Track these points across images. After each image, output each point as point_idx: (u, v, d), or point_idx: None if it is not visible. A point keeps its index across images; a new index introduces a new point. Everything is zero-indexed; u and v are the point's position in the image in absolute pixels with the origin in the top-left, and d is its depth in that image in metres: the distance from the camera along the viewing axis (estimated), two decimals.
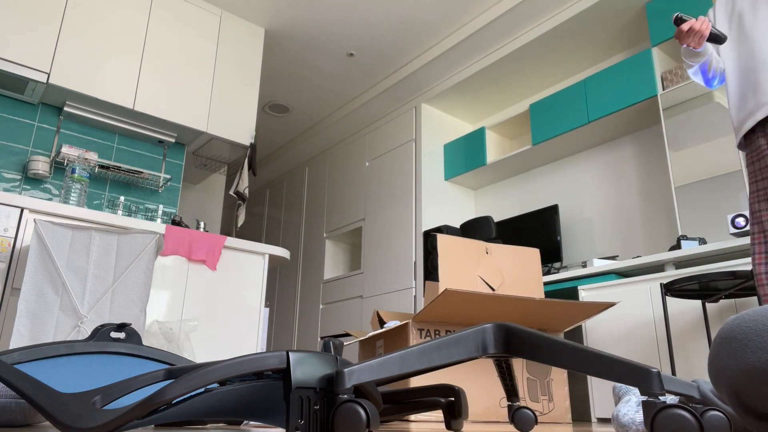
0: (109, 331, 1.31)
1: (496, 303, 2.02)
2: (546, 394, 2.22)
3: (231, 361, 0.79)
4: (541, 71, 4.27)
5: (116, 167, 3.30)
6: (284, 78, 4.79)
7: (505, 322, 0.95)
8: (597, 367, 0.85)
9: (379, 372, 0.85)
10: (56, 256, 2.08)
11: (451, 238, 2.27)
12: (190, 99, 3.54)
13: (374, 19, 4.05)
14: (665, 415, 0.75)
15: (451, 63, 4.37)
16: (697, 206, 3.03)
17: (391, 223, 4.66)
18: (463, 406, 1.20)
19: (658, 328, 2.76)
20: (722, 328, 0.84)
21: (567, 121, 3.85)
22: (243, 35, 3.97)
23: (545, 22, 3.81)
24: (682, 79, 3.26)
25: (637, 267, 3.04)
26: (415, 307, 4.23)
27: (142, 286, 2.18)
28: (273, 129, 5.71)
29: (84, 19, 3.26)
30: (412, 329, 2.11)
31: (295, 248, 5.81)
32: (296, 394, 0.81)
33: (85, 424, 0.77)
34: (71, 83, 3.11)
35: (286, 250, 3.14)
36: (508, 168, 4.43)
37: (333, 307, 5.06)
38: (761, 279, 1.77)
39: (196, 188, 4.43)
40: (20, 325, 1.95)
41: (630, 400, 1.27)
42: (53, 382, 1.16)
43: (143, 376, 1.02)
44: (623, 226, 3.74)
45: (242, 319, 2.79)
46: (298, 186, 6.04)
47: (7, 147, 3.07)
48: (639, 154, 3.76)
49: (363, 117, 5.19)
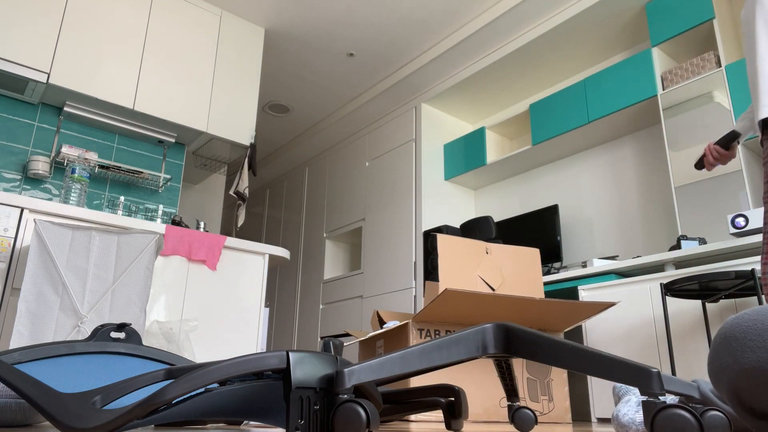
0: (109, 331, 1.31)
1: (496, 303, 2.01)
2: (546, 394, 2.22)
3: (231, 361, 0.79)
4: (541, 71, 4.27)
5: (116, 167, 3.30)
6: (284, 78, 4.79)
7: (505, 322, 0.95)
8: (597, 367, 0.85)
9: (379, 372, 0.85)
10: (56, 256, 2.08)
11: (451, 238, 2.27)
12: (190, 99, 3.54)
13: (374, 19, 4.05)
14: (665, 415, 0.75)
15: (451, 63, 4.37)
16: (697, 206, 3.03)
17: (391, 223, 4.66)
18: (463, 406, 1.20)
19: (658, 328, 2.76)
20: (722, 328, 0.84)
21: (567, 121, 3.85)
22: (243, 35, 3.97)
23: (545, 22, 3.81)
24: (682, 79, 3.26)
25: (637, 267, 3.04)
26: (415, 307, 4.23)
27: (142, 286, 2.18)
28: (273, 129, 5.71)
29: (84, 19, 3.26)
30: (412, 329, 2.11)
31: (295, 248, 5.81)
32: (296, 394, 0.81)
33: (85, 424, 0.77)
34: (71, 83, 3.11)
35: (286, 250, 3.14)
36: (508, 168, 4.43)
37: (333, 307, 5.06)
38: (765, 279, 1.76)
39: (196, 188, 4.43)
40: (20, 325, 1.95)
41: (630, 400, 1.27)
42: (53, 382, 1.16)
43: (143, 376, 1.02)
44: (623, 226, 3.74)
45: (242, 319, 2.79)
46: (298, 186, 6.04)
47: (7, 147, 3.07)
48: (639, 154, 3.76)
49: (363, 117, 5.19)
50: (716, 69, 3.11)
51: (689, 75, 3.23)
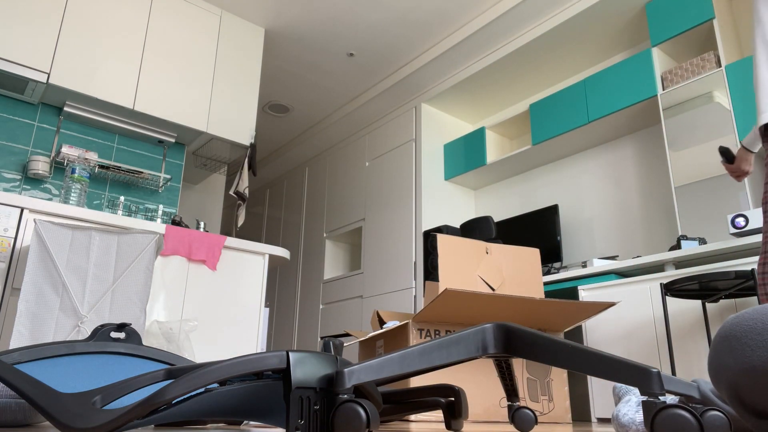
0: (109, 331, 1.31)
1: (496, 303, 2.01)
2: (546, 394, 2.22)
3: (231, 361, 0.79)
4: (541, 71, 4.27)
5: (116, 167, 3.30)
6: (284, 78, 4.79)
7: (505, 322, 0.95)
8: (597, 367, 0.85)
9: (379, 372, 0.85)
10: (56, 256, 2.08)
11: (451, 238, 2.27)
12: (190, 99, 3.54)
13: (374, 19, 4.05)
14: (665, 415, 0.75)
15: (451, 63, 4.37)
16: (697, 206, 3.03)
17: (391, 223, 4.66)
18: (463, 406, 1.20)
19: (658, 328, 2.76)
20: (722, 327, 0.84)
21: (567, 121, 3.85)
22: (243, 35, 3.97)
23: (545, 22, 3.81)
24: (682, 79, 3.26)
25: (637, 267, 3.04)
26: (415, 307, 4.23)
27: (142, 286, 2.18)
28: (273, 129, 5.71)
29: (84, 19, 3.26)
30: (412, 329, 2.11)
31: (295, 248, 5.81)
32: (296, 394, 0.81)
33: (85, 424, 0.77)
34: (71, 83, 3.11)
35: (286, 250, 3.14)
36: (508, 168, 4.43)
37: (333, 307, 5.05)
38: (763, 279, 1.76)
39: (196, 188, 4.42)
40: (20, 325, 1.95)
41: (630, 400, 1.27)
42: (53, 382, 1.16)
43: (143, 376, 1.02)
44: (623, 226, 3.74)
45: (242, 319, 2.79)
46: (298, 186, 6.04)
47: (7, 147, 3.07)
48: (639, 154, 3.76)
49: (363, 117, 5.19)
50: (716, 69, 3.11)
51: (689, 75, 3.23)
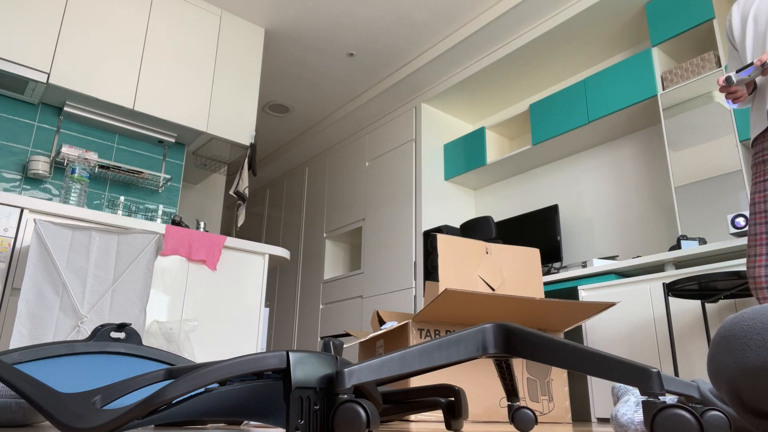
0: (109, 331, 1.31)
1: (496, 303, 2.01)
2: (546, 394, 2.22)
3: (231, 361, 0.79)
4: (541, 71, 4.27)
5: (116, 167, 3.30)
6: (284, 78, 4.79)
7: (505, 322, 0.95)
8: (597, 367, 0.85)
9: (379, 372, 0.85)
10: (56, 256, 2.08)
11: (451, 238, 2.27)
12: (190, 99, 3.54)
13: (374, 19, 4.05)
14: (665, 415, 0.75)
15: (451, 63, 4.37)
16: (697, 206, 3.03)
17: (391, 223, 4.66)
18: (463, 406, 1.20)
19: (658, 328, 2.76)
20: (721, 327, 0.84)
21: (567, 121, 3.85)
22: (243, 35, 3.97)
23: (545, 22, 3.81)
24: (682, 79, 3.26)
25: (637, 267, 3.04)
26: (415, 307, 4.23)
27: (142, 286, 2.18)
28: (273, 129, 5.71)
29: (84, 20, 3.26)
30: (412, 329, 2.11)
31: (295, 248, 5.81)
32: (296, 394, 0.81)
33: (85, 424, 0.77)
34: (71, 83, 3.11)
35: (286, 250, 3.14)
36: (508, 168, 4.43)
37: (333, 307, 5.05)
38: (761, 282, 1.76)
39: (196, 188, 4.42)
40: (20, 325, 1.96)
41: (629, 400, 1.27)
42: (53, 382, 1.16)
43: (143, 376, 1.02)
44: (623, 226, 3.74)
45: (242, 319, 2.79)
46: (298, 186, 6.04)
47: (7, 147, 3.07)
48: (639, 154, 3.76)
49: (363, 117, 5.19)
50: (716, 69, 3.10)
51: (689, 75, 3.23)
